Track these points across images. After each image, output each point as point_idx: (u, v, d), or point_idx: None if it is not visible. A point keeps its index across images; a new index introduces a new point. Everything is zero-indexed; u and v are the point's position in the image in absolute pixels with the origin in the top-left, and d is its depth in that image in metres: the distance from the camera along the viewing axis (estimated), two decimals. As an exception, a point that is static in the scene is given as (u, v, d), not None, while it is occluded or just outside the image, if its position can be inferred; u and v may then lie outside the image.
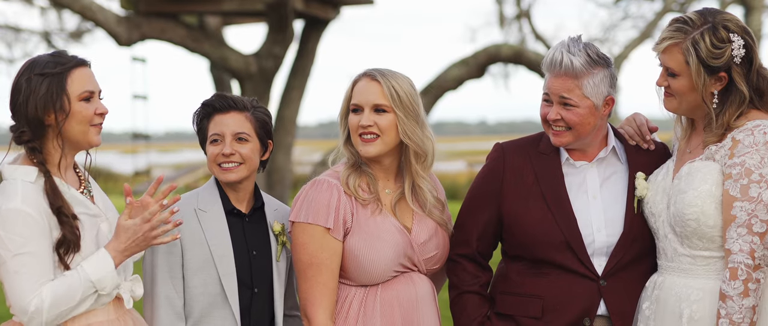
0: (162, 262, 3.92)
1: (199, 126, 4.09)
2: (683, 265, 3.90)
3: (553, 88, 3.99)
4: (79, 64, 3.71)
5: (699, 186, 3.83)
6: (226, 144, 3.99)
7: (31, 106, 3.63)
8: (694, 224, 3.83)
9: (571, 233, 4.01)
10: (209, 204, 4.02)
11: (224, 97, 4.06)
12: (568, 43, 3.99)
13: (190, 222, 3.95)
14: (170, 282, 3.91)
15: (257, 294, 4.01)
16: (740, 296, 3.70)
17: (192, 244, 3.94)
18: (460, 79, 14.52)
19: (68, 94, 3.65)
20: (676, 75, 3.86)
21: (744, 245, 3.72)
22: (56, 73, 3.66)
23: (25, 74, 3.66)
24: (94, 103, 3.71)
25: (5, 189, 3.61)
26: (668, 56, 3.86)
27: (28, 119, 3.64)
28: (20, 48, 18.86)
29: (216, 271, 3.93)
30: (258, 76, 14.13)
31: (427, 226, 4.06)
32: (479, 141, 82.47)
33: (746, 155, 3.76)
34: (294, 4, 13.54)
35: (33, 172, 3.63)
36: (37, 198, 3.59)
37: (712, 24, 3.80)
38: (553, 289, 4.02)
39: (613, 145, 4.12)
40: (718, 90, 3.83)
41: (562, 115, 3.99)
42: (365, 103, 3.98)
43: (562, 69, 3.94)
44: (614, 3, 18.23)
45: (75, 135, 3.69)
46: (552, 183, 4.07)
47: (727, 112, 3.83)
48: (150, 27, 13.91)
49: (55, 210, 3.59)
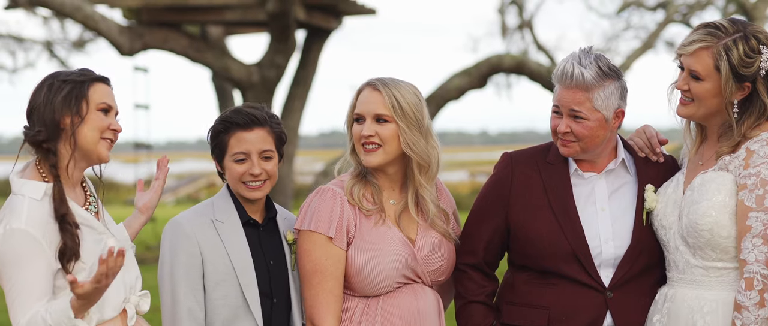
0: (182, 275, 3.88)
1: (217, 140, 4.02)
2: (696, 277, 3.88)
3: (563, 100, 3.97)
4: (103, 80, 3.76)
5: (713, 196, 3.81)
6: (254, 163, 3.95)
7: (49, 109, 3.63)
8: (708, 234, 3.81)
9: (578, 244, 3.99)
10: (226, 215, 3.99)
11: (245, 112, 4.00)
12: (579, 55, 3.97)
13: (209, 233, 3.93)
14: (192, 295, 3.87)
15: (276, 305, 3.99)
16: (756, 306, 3.68)
17: (213, 256, 3.91)
18: (462, 89, 14.53)
19: (88, 100, 3.67)
20: (700, 79, 3.83)
21: (759, 255, 3.70)
22: (79, 80, 3.69)
23: (47, 80, 3.70)
24: (110, 117, 3.73)
25: (13, 207, 3.60)
26: (695, 59, 3.83)
27: (44, 121, 3.63)
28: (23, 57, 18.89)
29: (238, 282, 3.91)
30: (260, 85, 14.13)
31: (432, 238, 4.04)
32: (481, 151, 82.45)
33: (762, 165, 3.74)
34: (296, 13, 13.56)
35: (41, 189, 3.61)
36: (43, 218, 3.57)
37: (744, 33, 3.79)
38: (559, 300, 4.00)
39: (623, 157, 4.10)
40: (738, 99, 3.82)
41: (571, 127, 3.97)
42: (367, 112, 3.97)
43: (573, 81, 3.92)
44: (616, 13, 18.24)
45: (86, 143, 3.67)
46: (560, 194, 4.05)
47: (746, 123, 3.82)
48: (152, 37, 13.92)
49: (58, 217, 3.57)
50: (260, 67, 14.13)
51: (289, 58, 14.19)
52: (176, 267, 3.89)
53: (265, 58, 14.18)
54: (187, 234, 3.91)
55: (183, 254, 3.89)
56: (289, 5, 13.10)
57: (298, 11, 13.63)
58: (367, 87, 4.01)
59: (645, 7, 17.97)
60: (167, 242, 3.94)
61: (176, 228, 3.94)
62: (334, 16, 15.02)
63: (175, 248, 3.91)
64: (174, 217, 3.98)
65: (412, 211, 4.02)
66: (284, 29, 13.64)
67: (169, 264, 3.90)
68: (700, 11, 17.21)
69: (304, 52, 15.14)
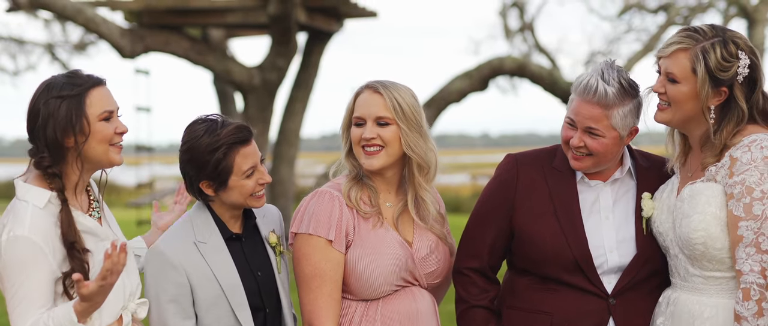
0: (171, 307, 3.80)
1: (220, 165, 3.84)
2: (696, 285, 3.87)
3: (580, 114, 3.92)
4: (96, 84, 3.66)
5: (704, 209, 3.79)
6: (263, 172, 3.91)
7: (50, 130, 3.56)
8: (702, 247, 3.80)
9: (581, 254, 3.97)
10: (207, 235, 3.90)
11: (236, 128, 3.87)
12: (603, 69, 3.92)
13: (194, 259, 3.84)
14: (182, 323, 3.80)
15: (269, 314, 3.95)
16: (755, 316, 3.66)
17: (201, 281, 3.83)
18: (463, 91, 14.52)
19: (87, 116, 3.59)
20: (676, 81, 3.82)
21: (754, 265, 3.68)
22: (74, 94, 3.59)
23: (41, 97, 3.60)
24: (113, 122, 3.66)
25: (16, 213, 3.57)
26: (673, 61, 3.82)
27: (47, 143, 3.57)
28: (24, 60, 18.90)
29: (228, 304, 3.85)
30: (261, 88, 14.13)
31: (429, 240, 4.03)
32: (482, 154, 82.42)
33: (745, 173, 3.71)
34: (297, 16, 13.55)
35: (44, 196, 3.59)
36: (46, 226, 3.54)
37: (723, 38, 3.78)
38: (561, 306, 3.98)
39: (629, 166, 4.08)
40: (715, 104, 3.81)
41: (586, 142, 3.93)
42: (368, 115, 3.95)
43: (595, 97, 3.88)
44: (618, 16, 18.24)
45: (96, 155, 3.64)
46: (566, 202, 4.02)
47: (725, 129, 3.79)
48: (153, 39, 13.92)
49: (67, 244, 3.54)
50: (261, 70, 14.13)
51: (290, 60, 14.18)
52: (162, 300, 3.80)
53: (267, 60, 14.17)
54: (173, 266, 3.81)
55: (172, 286, 3.80)
56: (290, 8, 13.09)
57: (299, 14, 13.62)
58: (366, 89, 3.99)
59: (646, 9, 17.96)
60: (153, 273, 3.83)
61: (161, 260, 3.82)
62: (336, 18, 15.01)
63: (160, 281, 3.80)
64: (155, 245, 3.87)
65: (412, 213, 4.01)
66: (285, 32, 13.64)
67: (155, 296, 3.81)
68: (702, 14, 17.21)
69: (306, 55, 15.13)
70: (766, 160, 3.71)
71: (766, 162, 3.70)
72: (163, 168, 53.96)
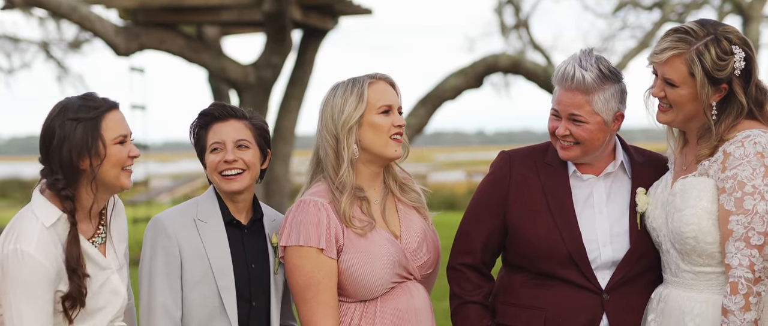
0: (160, 273, 3.88)
1: (197, 137, 4.03)
2: (686, 280, 3.88)
3: (562, 102, 3.95)
4: (112, 108, 3.70)
5: (695, 203, 3.80)
6: (228, 150, 3.93)
7: (65, 152, 3.58)
8: (693, 242, 3.81)
9: (575, 248, 3.98)
10: (209, 215, 3.97)
11: (222, 105, 4.01)
12: (580, 57, 3.96)
13: (190, 233, 3.90)
14: (169, 292, 3.87)
15: (255, 308, 3.97)
16: (742, 310, 3.67)
17: (192, 256, 3.89)
18: (458, 89, 14.53)
19: (104, 139, 3.63)
20: (675, 85, 3.83)
21: (743, 259, 3.69)
22: (90, 118, 3.61)
23: (57, 119, 3.62)
24: (127, 145, 3.71)
25: (24, 226, 3.59)
26: (669, 67, 3.81)
27: (62, 165, 3.60)
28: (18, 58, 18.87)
29: (215, 284, 3.89)
30: (256, 86, 14.13)
31: (416, 231, 4.02)
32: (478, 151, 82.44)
33: (738, 167, 3.72)
34: (292, 14, 13.55)
35: (54, 215, 3.61)
36: (51, 247, 3.57)
37: (715, 35, 3.77)
38: (555, 302, 3.99)
39: (622, 160, 4.10)
40: (716, 101, 3.82)
41: (571, 130, 3.95)
42: (395, 103, 3.95)
43: (574, 83, 3.91)
44: (612, 13, 18.24)
45: (109, 179, 3.66)
46: (559, 197, 4.04)
47: (724, 123, 3.80)
48: (148, 37, 13.92)
49: (69, 268, 3.58)
50: (256, 68, 14.13)
51: (285, 58, 14.18)
52: (155, 264, 3.89)
53: (262, 58, 14.17)
54: (167, 234, 3.89)
55: (162, 252, 3.88)
56: (285, 5, 13.09)
57: (294, 11, 13.62)
58: (381, 81, 3.96)
59: (641, 6, 17.97)
60: (149, 240, 3.93)
61: (157, 227, 3.91)
62: (331, 16, 15.01)
63: (154, 246, 3.90)
64: (157, 215, 3.97)
65: (397, 193, 4.01)
66: (280, 29, 13.64)
67: (148, 261, 3.90)
68: (696, 10, 17.21)
69: (301, 53, 15.13)
70: (758, 155, 3.71)
71: (758, 157, 3.71)
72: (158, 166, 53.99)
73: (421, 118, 14.52)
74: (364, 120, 3.91)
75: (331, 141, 3.92)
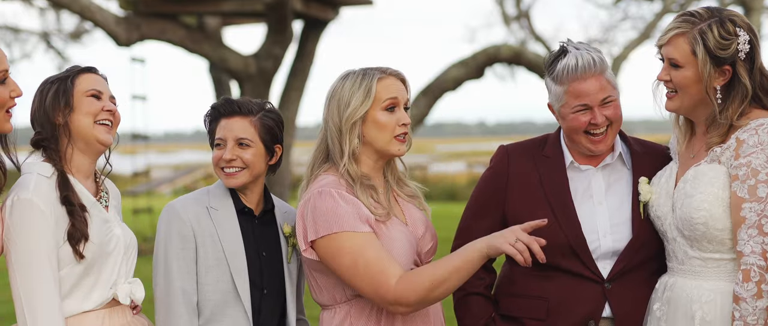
0: (176, 257, 3.90)
1: (209, 129, 4.10)
2: (694, 268, 3.88)
3: (590, 91, 3.93)
4: (87, 70, 3.87)
5: (706, 189, 3.80)
6: (227, 149, 3.98)
7: (41, 111, 3.79)
8: (703, 228, 3.81)
9: (575, 238, 3.99)
10: (220, 203, 4.01)
11: (231, 101, 4.04)
12: (574, 46, 3.98)
13: (203, 219, 3.95)
14: (186, 276, 3.90)
15: (266, 295, 3.99)
16: (754, 298, 3.68)
17: (205, 241, 3.93)
18: (459, 79, 14.54)
19: (73, 92, 3.78)
20: (679, 66, 3.83)
21: (755, 246, 3.69)
22: (64, 77, 3.82)
23: (39, 88, 3.85)
24: (102, 101, 3.82)
25: (21, 181, 3.72)
26: (673, 47, 3.83)
27: (41, 123, 3.79)
28: (19, 48, 18.87)
29: (228, 268, 3.92)
30: (257, 76, 14.12)
31: (418, 218, 4.01)
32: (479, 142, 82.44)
33: (752, 155, 3.73)
34: (293, 4, 13.54)
35: (50, 169, 3.74)
36: (49, 192, 3.67)
37: (719, 18, 3.80)
38: (558, 291, 4.00)
39: (620, 151, 4.10)
40: (721, 84, 3.82)
41: (607, 115, 3.97)
42: (403, 99, 3.91)
43: (596, 68, 3.93)
44: (614, 4, 18.23)
45: (81, 129, 3.77)
46: (557, 188, 4.05)
47: (731, 108, 3.81)
48: (149, 27, 13.91)
49: (63, 200, 3.67)
50: (257, 58, 14.12)
51: (286, 48, 14.18)
52: (170, 249, 3.92)
53: (263, 49, 14.17)
54: (181, 219, 3.93)
55: (177, 237, 3.91)
56: (286, -4, 13.08)
57: (295, 2, 13.61)
58: (391, 76, 3.90)
59: (642, -3, 17.96)
60: (163, 226, 3.97)
61: (171, 212, 3.96)
62: (331, 6, 15.01)
63: (169, 231, 3.93)
64: (171, 202, 4.02)
65: (395, 187, 3.99)
66: (281, 20, 13.63)
67: (164, 246, 3.93)
68: (697, 1, 17.21)
69: (301, 43, 15.13)
70: None
71: None
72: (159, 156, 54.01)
73: (422, 108, 14.53)
74: (369, 116, 3.85)
75: (335, 132, 3.89)
